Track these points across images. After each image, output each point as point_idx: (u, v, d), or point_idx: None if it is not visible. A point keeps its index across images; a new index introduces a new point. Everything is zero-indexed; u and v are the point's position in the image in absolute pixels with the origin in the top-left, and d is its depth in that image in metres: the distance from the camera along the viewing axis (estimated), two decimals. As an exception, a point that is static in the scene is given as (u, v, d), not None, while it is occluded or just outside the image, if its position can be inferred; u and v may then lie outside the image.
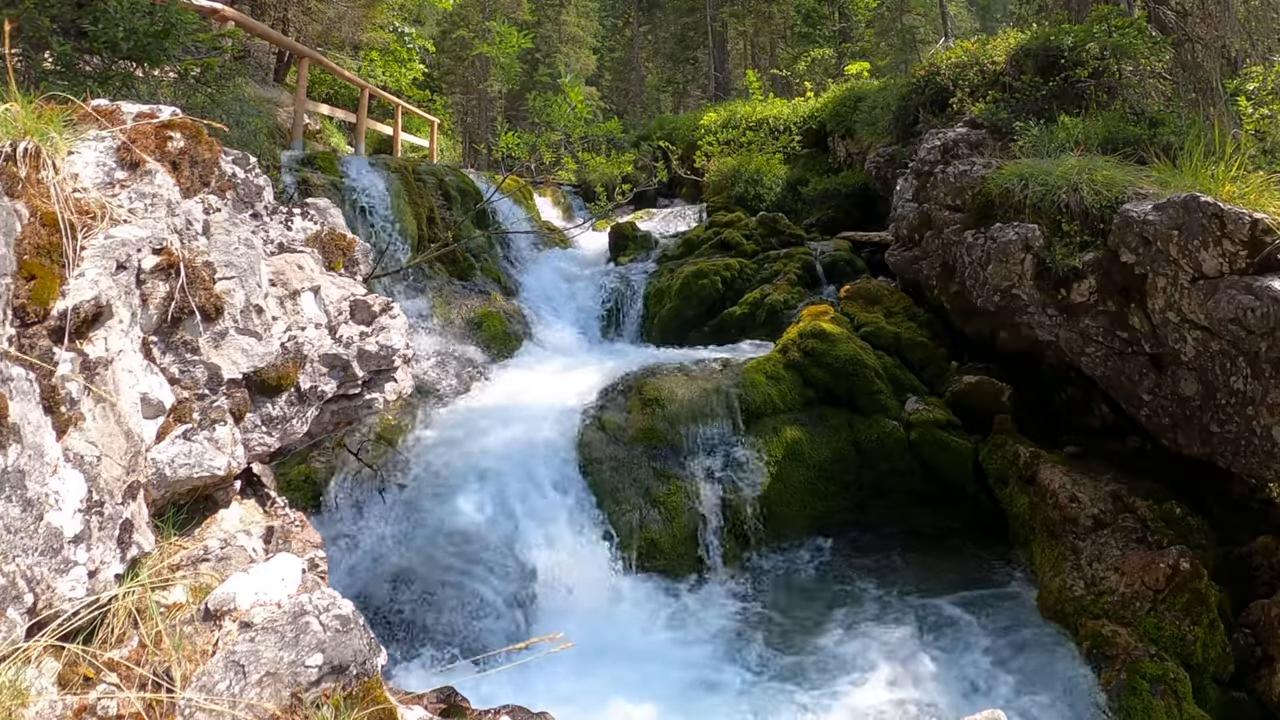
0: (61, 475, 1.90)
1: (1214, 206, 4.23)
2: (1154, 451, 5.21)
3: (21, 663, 1.74)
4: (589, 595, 4.77)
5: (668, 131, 16.01)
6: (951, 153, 6.89)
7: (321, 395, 2.99)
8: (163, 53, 4.84)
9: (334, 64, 11.47)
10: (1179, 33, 7.25)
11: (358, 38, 14.72)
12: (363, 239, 3.72)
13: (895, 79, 12.59)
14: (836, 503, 5.73)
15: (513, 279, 9.27)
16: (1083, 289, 5.10)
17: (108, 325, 2.15)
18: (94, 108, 2.66)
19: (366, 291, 3.32)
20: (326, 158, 8.24)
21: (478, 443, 5.61)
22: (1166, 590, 4.21)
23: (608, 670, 4.18)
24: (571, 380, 6.67)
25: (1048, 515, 4.98)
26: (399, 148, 13.46)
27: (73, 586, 1.87)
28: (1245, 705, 3.97)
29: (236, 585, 2.09)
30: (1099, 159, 5.55)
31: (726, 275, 8.50)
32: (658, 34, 30.73)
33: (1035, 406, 6.09)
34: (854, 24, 22.19)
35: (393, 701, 2.08)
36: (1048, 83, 7.27)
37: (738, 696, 4.06)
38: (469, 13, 25.74)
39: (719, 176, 12.44)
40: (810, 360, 6.23)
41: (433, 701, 2.91)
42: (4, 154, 2.10)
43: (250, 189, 3.01)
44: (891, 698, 4.00)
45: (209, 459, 2.41)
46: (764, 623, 4.74)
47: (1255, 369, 4.16)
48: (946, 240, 6.38)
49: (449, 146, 21.00)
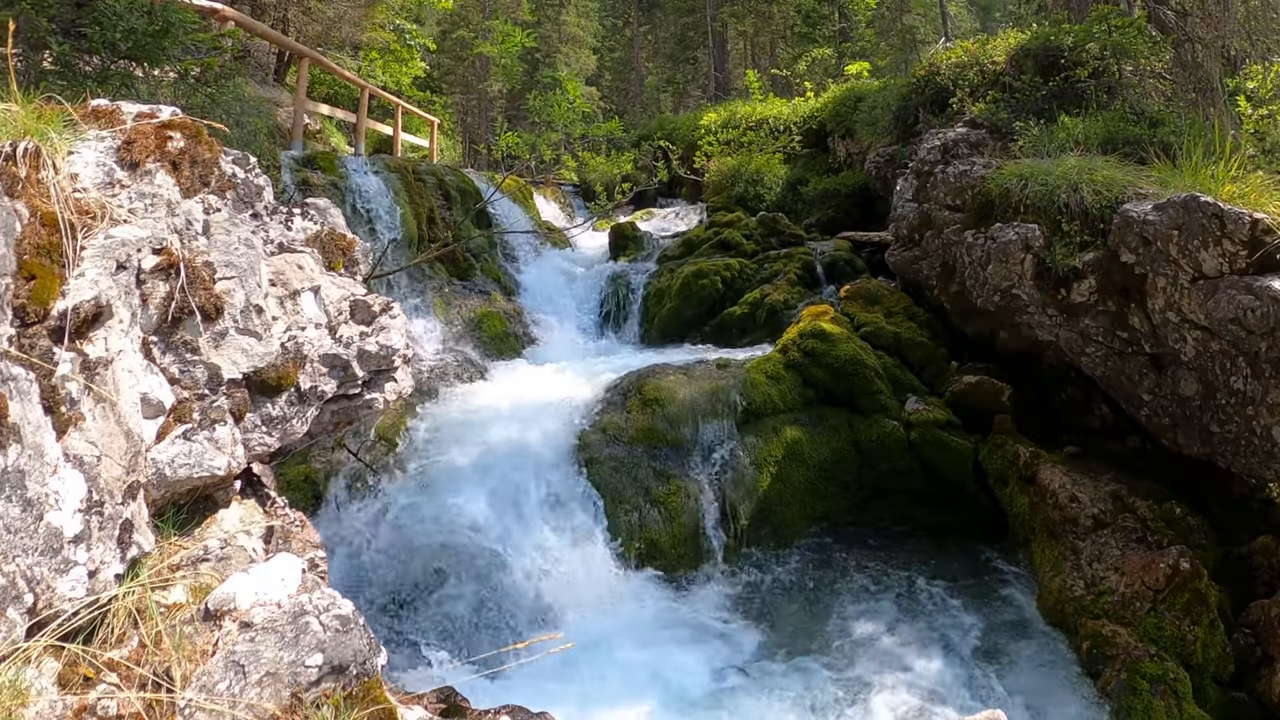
0: (61, 475, 1.90)
1: (1214, 206, 4.23)
2: (1154, 451, 5.21)
3: (21, 663, 1.74)
4: (589, 595, 4.77)
5: (668, 131, 16.01)
6: (951, 153, 6.89)
7: (321, 395, 2.98)
8: (162, 53, 4.83)
9: (334, 64, 11.47)
10: (1179, 33, 7.25)
11: (358, 37, 14.72)
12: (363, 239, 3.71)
13: (895, 79, 12.59)
14: (836, 503, 5.73)
15: (513, 279, 9.27)
16: (1083, 289, 5.10)
17: (108, 325, 2.15)
18: (94, 108, 2.66)
19: (366, 291, 3.32)
20: (326, 158, 8.23)
21: (478, 442, 5.61)
22: (1166, 590, 4.21)
23: (608, 670, 4.18)
24: (571, 380, 6.67)
25: (1048, 515, 4.98)
26: (399, 148, 13.45)
27: (73, 586, 1.87)
28: (1245, 705, 3.98)
29: (236, 585, 2.09)
30: (1099, 159, 5.55)
31: (726, 275, 8.50)
32: (658, 34, 30.72)
33: (1035, 406, 6.09)
34: (854, 24, 22.19)
35: (393, 701, 2.08)
36: (1048, 83, 7.27)
37: (738, 696, 4.06)
38: (469, 13, 25.73)
39: (719, 176, 12.45)
40: (810, 360, 6.23)
41: (432, 701, 2.91)
42: (4, 154, 2.10)
43: (250, 189, 3.01)
44: (891, 697, 4.00)
45: (209, 459, 2.41)
46: (764, 622, 4.74)
47: (1255, 369, 4.16)
48: (946, 240, 6.38)
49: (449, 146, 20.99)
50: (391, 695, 2.14)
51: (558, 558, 4.85)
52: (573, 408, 6.06)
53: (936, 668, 4.24)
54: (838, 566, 5.35)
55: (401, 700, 2.44)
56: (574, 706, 3.79)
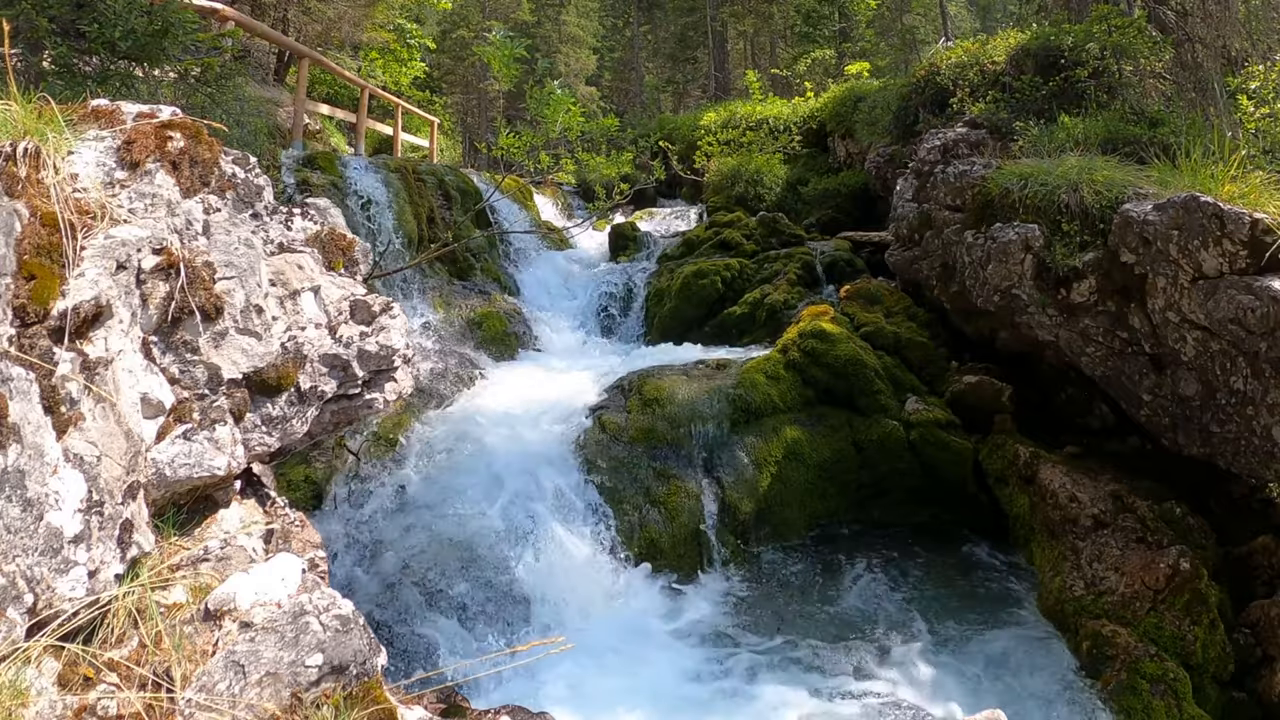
0: (61, 475, 1.90)
1: (1214, 206, 4.23)
2: (1154, 451, 5.21)
3: (21, 663, 1.74)
4: (589, 595, 4.77)
5: (668, 131, 16.01)
6: (951, 153, 6.89)
7: (321, 395, 2.98)
8: (162, 53, 4.83)
9: (334, 64, 11.47)
10: (1179, 33, 7.25)
11: (358, 37, 14.71)
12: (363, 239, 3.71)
13: (895, 79, 12.58)
14: (836, 502, 5.73)
15: (513, 279, 9.27)
16: (1083, 289, 5.10)
17: (108, 325, 2.15)
18: (94, 108, 2.66)
19: (366, 291, 3.32)
20: (326, 158, 8.23)
21: (477, 443, 5.61)
22: (1166, 590, 4.21)
23: (608, 670, 4.18)
24: (572, 380, 6.67)
25: (1048, 515, 4.98)
26: (399, 148, 13.45)
27: (73, 586, 1.87)
28: (1245, 705, 3.98)
29: (236, 585, 2.09)
30: (1099, 159, 5.55)
31: (726, 275, 8.50)
32: (658, 34, 30.71)
33: (1035, 406, 6.09)
34: (854, 24, 22.19)
35: (393, 701, 2.08)
36: (1048, 83, 7.27)
37: (738, 696, 4.06)
38: (469, 13, 25.72)
39: (719, 176, 12.44)
40: (810, 360, 6.23)
41: (433, 701, 2.91)
42: (4, 154, 2.10)
43: (250, 189, 3.01)
44: (892, 697, 4.00)
45: (209, 459, 2.41)
46: (764, 622, 4.74)
47: (1255, 369, 4.16)
48: (946, 240, 6.38)
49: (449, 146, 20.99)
50: (391, 695, 2.14)
51: (557, 558, 4.84)
52: (573, 408, 6.06)
53: (936, 667, 4.24)
54: (837, 566, 5.35)
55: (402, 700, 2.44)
56: (574, 706, 3.80)
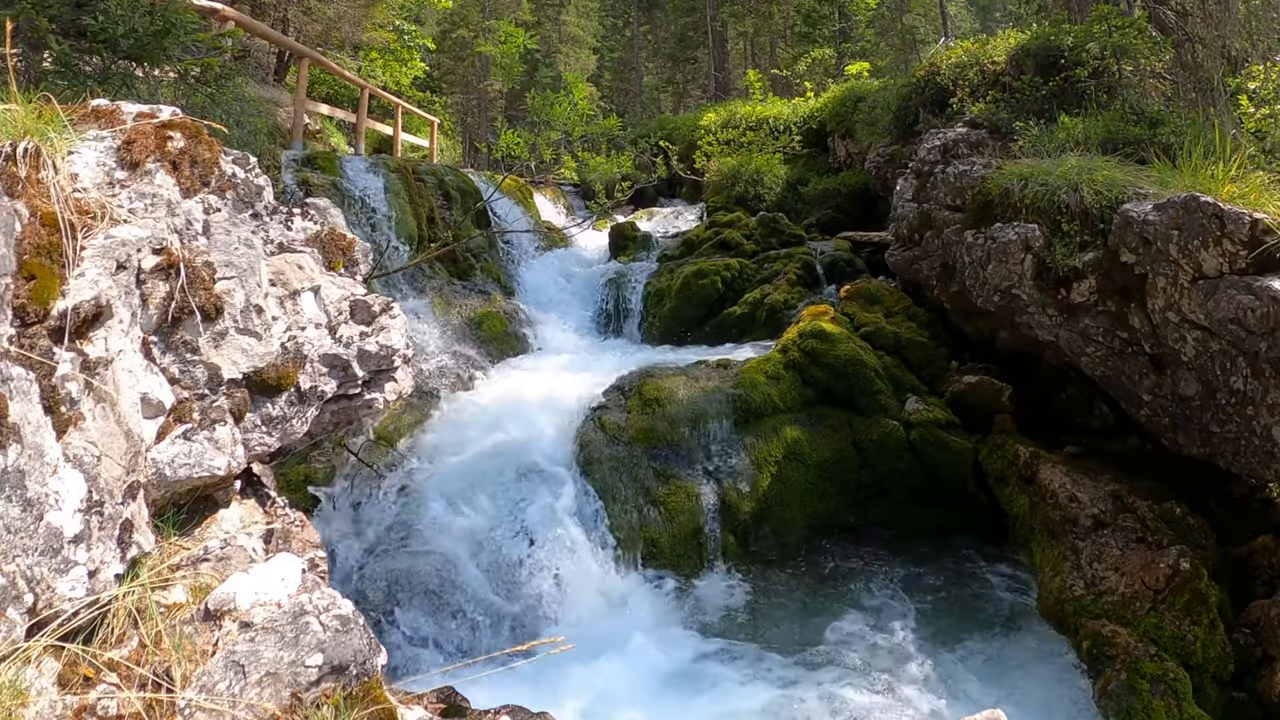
0: (61, 475, 1.90)
1: (1214, 206, 4.23)
2: (1154, 451, 5.21)
3: (21, 663, 1.74)
4: (589, 595, 4.77)
5: (668, 131, 16.01)
6: (951, 153, 6.89)
7: (321, 395, 2.98)
8: (162, 52, 4.83)
9: (334, 64, 11.47)
10: (1179, 33, 7.25)
11: (358, 37, 14.71)
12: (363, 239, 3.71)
13: (895, 79, 12.58)
14: (836, 503, 5.73)
15: (513, 279, 9.27)
16: (1083, 289, 5.10)
17: (108, 325, 2.15)
18: (94, 108, 2.66)
19: (366, 291, 3.32)
20: (326, 158, 8.23)
21: (477, 442, 5.61)
22: (1166, 590, 4.21)
23: (608, 670, 4.17)
24: (571, 380, 6.66)
25: (1048, 515, 4.98)
26: (399, 148, 13.45)
27: (73, 586, 1.87)
28: (1245, 705, 3.97)
29: (236, 585, 2.09)
30: (1099, 159, 5.54)
31: (726, 275, 8.50)
32: (658, 34, 30.69)
33: (1035, 406, 6.09)
34: (854, 24, 22.17)
35: (393, 701, 2.08)
36: (1048, 83, 7.27)
37: (737, 695, 4.06)
38: (469, 12, 25.70)
39: (719, 176, 12.45)
40: (810, 360, 6.23)
41: (433, 701, 2.91)
42: (4, 154, 2.10)
43: (250, 189, 3.01)
44: (892, 697, 4.00)
45: (209, 459, 2.41)
46: (763, 622, 4.74)
47: (1255, 369, 4.16)
48: (946, 240, 6.38)
49: (449, 146, 20.98)
50: (391, 695, 2.14)
51: (557, 558, 4.84)
52: (573, 407, 6.06)
53: (936, 667, 4.24)
54: (837, 566, 5.35)
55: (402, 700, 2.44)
56: (574, 707, 3.80)
